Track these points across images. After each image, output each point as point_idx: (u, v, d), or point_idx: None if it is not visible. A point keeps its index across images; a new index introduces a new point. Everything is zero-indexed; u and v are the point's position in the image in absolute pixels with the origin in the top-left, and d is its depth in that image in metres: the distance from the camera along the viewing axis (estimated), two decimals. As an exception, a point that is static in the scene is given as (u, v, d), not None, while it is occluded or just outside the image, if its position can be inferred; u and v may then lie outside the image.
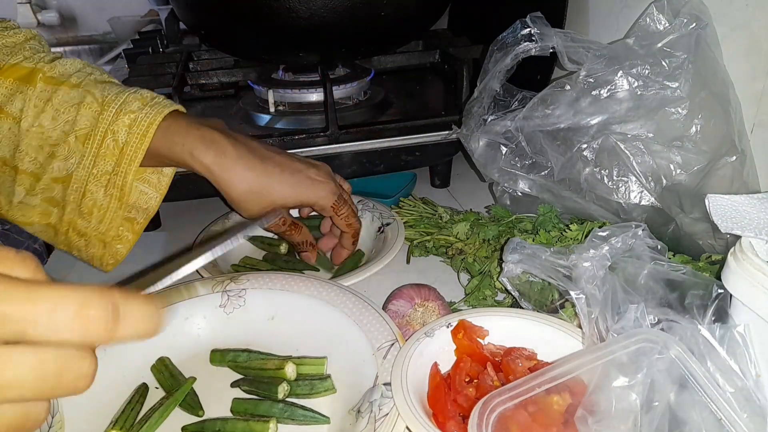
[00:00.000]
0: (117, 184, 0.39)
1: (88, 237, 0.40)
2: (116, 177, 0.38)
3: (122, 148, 0.38)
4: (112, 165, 0.38)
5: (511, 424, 0.25)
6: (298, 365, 0.34)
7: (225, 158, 0.38)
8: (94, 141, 0.38)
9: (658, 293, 0.30)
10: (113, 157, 0.38)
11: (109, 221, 0.40)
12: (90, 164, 0.38)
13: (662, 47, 0.39)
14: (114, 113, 0.38)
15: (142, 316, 0.17)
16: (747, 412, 0.25)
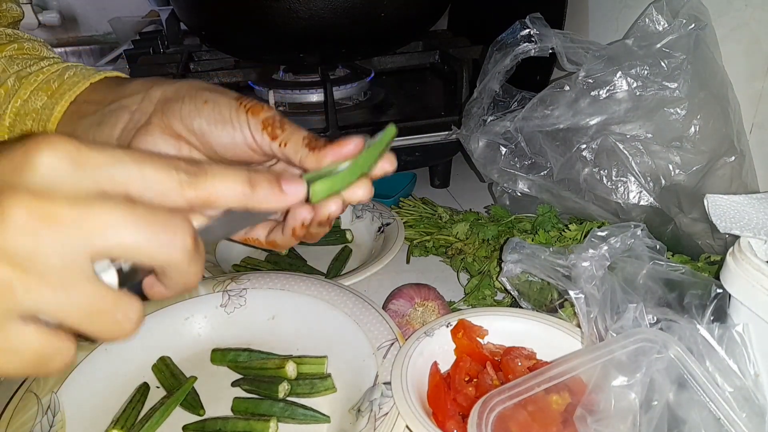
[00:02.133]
0: (42, 120, 0.30)
1: None
2: (43, 111, 0.30)
3: (63, 81, 0.30)
4: (43, 100, 0.30)
5: (510, 423, 0.26)
6: (298, 364, 0.34)
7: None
8: (37, 77, 0.30)
9: (657, 293, 0.30)
10: (48, 91, 0.30)
11: None
12: (20, 104, 0.30)
13: (661, 48, 0.39)
14: (80, 65, 0.31)
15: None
16: (746, 412, 0.25)
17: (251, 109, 0.27)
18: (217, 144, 0.27)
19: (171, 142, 0.27)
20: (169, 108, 0.27)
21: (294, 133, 0.26)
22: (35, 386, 0.31)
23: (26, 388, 0.31)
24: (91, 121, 0.28)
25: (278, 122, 0.27)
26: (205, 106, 0.27)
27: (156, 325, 0.37)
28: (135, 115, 0.27)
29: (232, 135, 0.27)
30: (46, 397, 0.31)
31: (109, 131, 0.28)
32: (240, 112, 0.27)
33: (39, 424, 0.29)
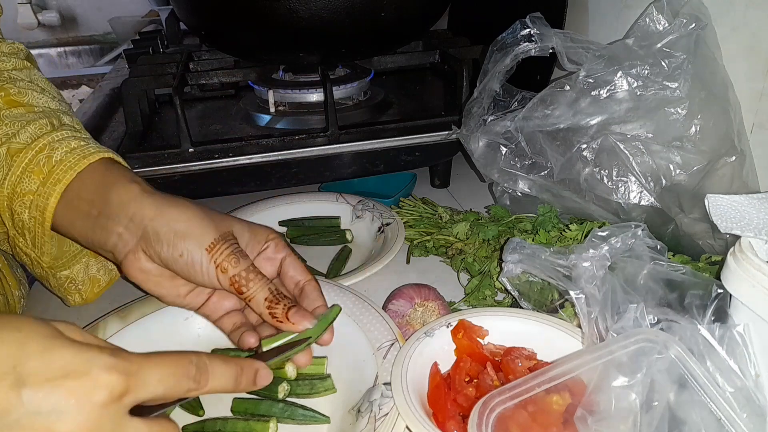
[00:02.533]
0: (39, 207, 0.32)
1: (30, 257, 0.36)
2: (39, 198, 0.32)
3: (53, 166, 0.32)
4: (36, 185, 0.32)
5: (510, 423, 0.25)
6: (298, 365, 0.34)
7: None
8: (27, 155, 0.33)
9: (658, 293, 0.30)
10: (40, 175, 0.32)
11: (40, 246, 0.35)
12: (15, 181, 0.33)
13: (662, 47, 0.39)
14: (64, 137, 0.33)
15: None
16: (746, 412, 0.25)
17: (220, 266, 0.30)
18: (190, 280, 0.32)
19: (154, 265, 0.31)
20: (151, 246, 0.31)
21: (258, 293, 0.30)
22: (35, 387, 0.31)
23: (25, 389, 0.31)
24: (85, 227, 0.32)
25: (244, 280, 0.31)
26: (180, 258, 0.30)
27: (156, 325, 0.37)
28: (122, 238, 0.31)
29: (203, 281, 0.31)
30: (46, 397, 0.31)
31: (103, 242, 0.32)
32: (211, 266, 0.30)
33: (38, 424, 0.29)
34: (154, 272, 0.32)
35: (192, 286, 0.33)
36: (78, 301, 0.39)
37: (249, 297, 0.30)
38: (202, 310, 0.34)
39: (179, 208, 0.31)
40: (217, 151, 0.50)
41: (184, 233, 0.30)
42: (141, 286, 0.32)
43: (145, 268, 0.31)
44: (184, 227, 0.30)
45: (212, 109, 0.61)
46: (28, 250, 0.35)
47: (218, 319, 0.34)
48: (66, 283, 0.38)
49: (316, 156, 0.51)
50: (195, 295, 0.33)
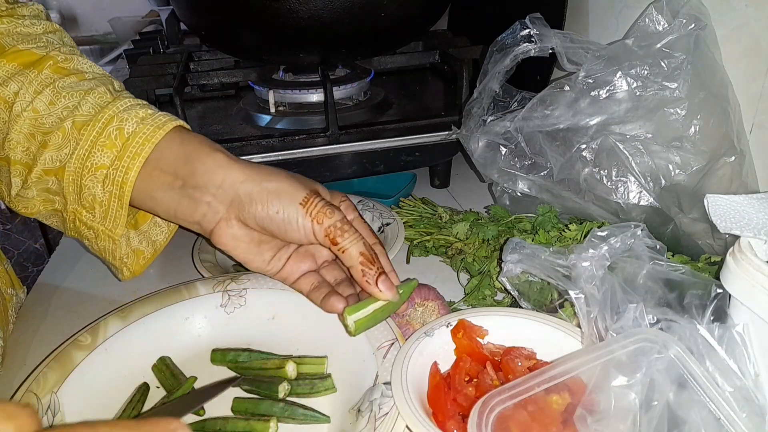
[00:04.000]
0: (116, 181, 0.32)
1: (96, 230, 0.35)
2: (115, 172, 0.32)
3: (127, 139, 0.32)
4: (110, 158, 0.32)
5: (510, 423, 0.25)
6: (298, 364, 0.34)
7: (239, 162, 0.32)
8: (95, 128, 0.32)
9: (657, 293, 0.30)
10: (113, 149, 0.32)
11: (113, 219, 0.34)
12: (84, 155, 0.32)
13: (661, 48, 0.39)
14: (128, 106, 0.33)
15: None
16: (746, 412, 0.25)
17: (316, 218, 0.31)
18: (284, 238, 0.32)
19: (245, 230, 0.33)
20: (244, 209, 0.32)
21: (353, 244, 0.31)
22: (35, 386, 0.31)
23: (26, 388, 0.31)
24: (169, 198, 0.33)
25: (339, 230, 0.32)
26: (276, 216, 0.31)
27: (156, 325, 0.37)
28: (212, 206, 0.32)
29: (297, 236, 0.32)
30: (46, 397, 0.31)
31: (189, 214, 0.33)
32: (306, 220, 0.31)
33: (39, 424, 0.29)
34: (245, 239, 0.33)
35: (274, 251, 0.35)
36: (127, 275, 0.38)
37: (343, 248, 0.31)
38: (280, 274, 0.36)
39: (266, 170, 0.33)
40: (218, 151, 0.50)
41: (277, 191, 0.31)
42: (231, 253, 0.33)
43: (237, 234, 0.32)
44: (275, 186, 0.32)
45: (212, 110, 0.61)
46: (95, 224, 0.35)
47: (295, 281, 0.35)
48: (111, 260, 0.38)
49: (316, 156, 0.51)
50: (276, 260, 0.35)
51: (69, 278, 0.47)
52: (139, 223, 0.38)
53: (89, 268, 0.49)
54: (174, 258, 0.49)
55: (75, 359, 0.33)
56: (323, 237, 0.31)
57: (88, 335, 0.35)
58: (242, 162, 0.33)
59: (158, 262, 0.49)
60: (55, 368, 0.32)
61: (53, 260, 0.51)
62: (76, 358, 0.33)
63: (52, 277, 0.48)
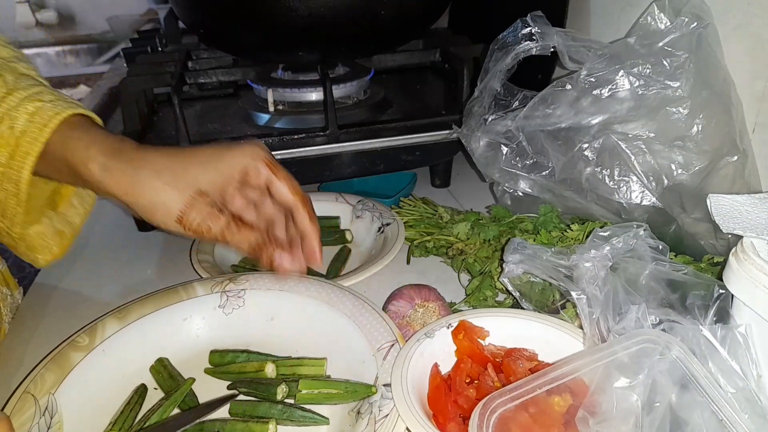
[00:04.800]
0: (12, 179, 0.33)
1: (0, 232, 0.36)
2: (10, 171, 0.33)
3: (18, 138, 0.32)
4: (5, 157, 0.32)
5: (511, 425, 0.25)
6: (298, 366, 0.34)
7: (126, 153, 0.32)
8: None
9: (660, 294, 0.30)
10: (7, 148, 0.32)
11: (12, 217, 0.34)
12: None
13: (663, 46, 0.39)
14: (19, 100, 0.33)
15: None
16: (748, 413, 0.25)
17: (195, 232, 0.32)
18: None
19: None
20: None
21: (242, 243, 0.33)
22: (33, 387, 0.31)
23: (24, 390, 0.31)
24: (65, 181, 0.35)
25: (222, 236, 0.33)
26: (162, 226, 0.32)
27: (154, 326, 0.36)
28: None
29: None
30: (44, 398, 0.30)
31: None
32: (189, 233, 0.32)
33: (37, 425, 0.29)
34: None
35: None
36: (48, 258, 0.38)
37: (235, 246, 0.33)
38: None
39: (140, 181, 0.31)
40: (216, 150, 0.49)
41: (152, 210, 0.31)
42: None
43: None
44: (148, 203, 0.31)
45: (211, 108, 0.61)
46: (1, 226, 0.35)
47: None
48: (38, 241, 0.37)
49: (316, 155, 0.51)
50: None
51: (66, 279, 0.47)
52: (57, 204, 0.38)
53: (87, 269, 0.49)
54: (172, 258, 0.49)
55: (73, 360, 0.33)
56: (211, 240, 0.32)
57: (86, 336, 0.34)
58: (116, 172, 0.31)
59: (156, 263, 0.49)
60: (52, 369, 0.32)
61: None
62: (74, 359, 0.33)
63: (50, 277, 0.47)
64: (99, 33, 1.53)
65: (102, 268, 0.48)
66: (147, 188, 0.31)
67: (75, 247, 0.50)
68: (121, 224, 0.54)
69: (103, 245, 0.52)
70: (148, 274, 0.47)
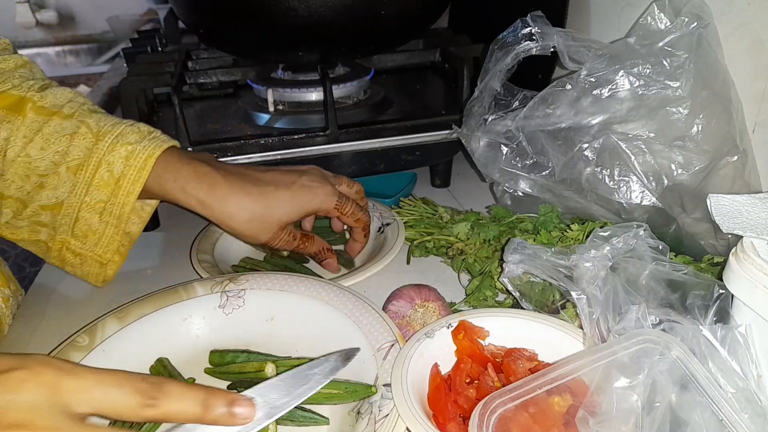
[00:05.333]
0: (114, 213, 0.39)
1: (83, 257, 0.41)
2: (113, 207, 0.39)
3: (118, 179, 0.38)
4: (107, 195, 0.38)
5: (511, 425, 0.25)
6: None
7: (218, 190, 0.38)
8: (87, 171, 0.38)
9: (660, 294, 0.30)
10: (108, 188, 0.38)
11: (105, 244, 0.40)
12: (82, 193, 0.38)
13: (663, 46, 0.39)
14: (110, 144, 0.38)
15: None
16: (748, 413, 0.25)
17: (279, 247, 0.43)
18: None
19: None
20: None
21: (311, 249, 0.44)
22: (32, 388, 0.31)
23: (23, 390, 0.31)
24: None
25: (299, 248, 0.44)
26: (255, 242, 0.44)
27: (154, 326, 0.36)
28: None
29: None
30: (44, 399, 0.30)
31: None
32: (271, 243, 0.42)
33: (36, 426, 0.29)
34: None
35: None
36: (115, 270, 0.43)
37: (301, 251, 0.43)
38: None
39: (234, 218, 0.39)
40: (216, 150, 0.49)
41: (242, 236, 0.40)
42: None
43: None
44: (240, 232, 0.40)
45: (211, 108, 0.61)
46: (84, 251, 0.40)
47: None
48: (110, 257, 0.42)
49: (316, 155, 0.51)
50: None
51: (66, 279, 0.47)
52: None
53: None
54: (172, 258, 0.49)
55: (73, 360, 0.33)
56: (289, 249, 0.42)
57: (86, 336, 0.34)
58: (212, 207, 0.38)
59: (156, 263, 0.49)
60: (52, 370, 0.32)
61: (47, 266, 0.50)
62: (74, 359, 0.33)
63: (50, 277, 0.47)
64: (99, 33, 1.53)
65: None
66: (239, 223, 0.39)
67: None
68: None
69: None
70: (148, 274, 0.47)
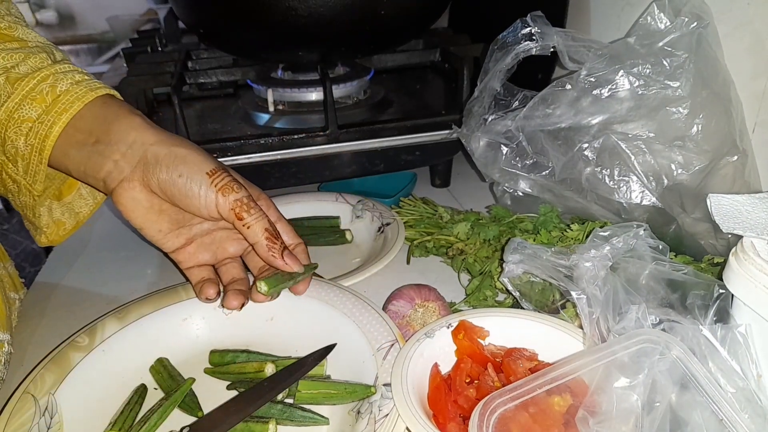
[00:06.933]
0: (39, 135, 0.32)
1: (19, 183, 0.36)
2: (40, 126, 0.32)
3: (58, 96, 0.32)
4: (38, 112, 0.32)
5: (511, 425, 0.25)
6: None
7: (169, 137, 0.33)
8: (28, 84, 0.32)
9: (660, 293, 0.30)
10: (43, 103, 0.32)
11: (33, 173, 0.34)
12: (13, 107, 0.32)
13: (663, 46, 0.39)
14: (66, 69, 0.33)
15: None
16: (748, 413, 0.25)
17: (222, 189, 0.31)
18: (184, 206, 0.32)
19: (146, 194, 0.32)
20: (149, 170, 0.31)
21: (258, 221, 0.32)
22: (33, 388, 0.31)
23: (24, 390, 0.31)
24: (80, 155, 0.33)
25: (246, 206, 0.32)
26: (179, 179, 0.31)
27: (153, 326, 0.36)
28: (118, 165, 0.32)
29: (198, 206, 0.31)
30: (44, 398, 0.30)
31: (96, 170, 0.32)
32: (210, 190, 0.31)
33: (36, 425, 0.29)
34: (144, 203, 0.33)
35: (174, 226, 0.35)
36: (44, 241, 0.39)
37: (248, 224, 0.32)
38: (176, 253, 0.35)
39: (180, 138, 0.33)
40: (216, 150, 0.49)
41: (184, 157, 0.32)
42: (128, 215, 0.33)
43: (137, 197, 0.32)
44: (184, 152, 0.32)
45: (211, 108, 0.61)
46: (18, 177, 0.35)
47: (189, 268, 0.36)
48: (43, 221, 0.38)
49: (316, 155, 0.51)
50: (175, 236, 0.35)
51: (66, 279, 0.47)
52: (63, 194, 0.38)
53: (87, 269, 0.49)
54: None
55: (72, 360, 0.33)
56: (228, 211, 0.31)
57: (86, 336, 0.34)
58: (157, 127, 0.33)
59: (156, 263, 0.49)
60: (52, 369, 0.32)
61: (50, 261, 0.51)
62: (74, 359, 0.33)
63: (50, 277, 0.47)
64: (99, 33, 1.53)
65: (102, 268, 0.48)
66: (187, 144, 0.33)
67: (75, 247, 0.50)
68: (122, 224, 0.54)
69: (103, 245, 0.52)
70: (148, 274, 0.47)
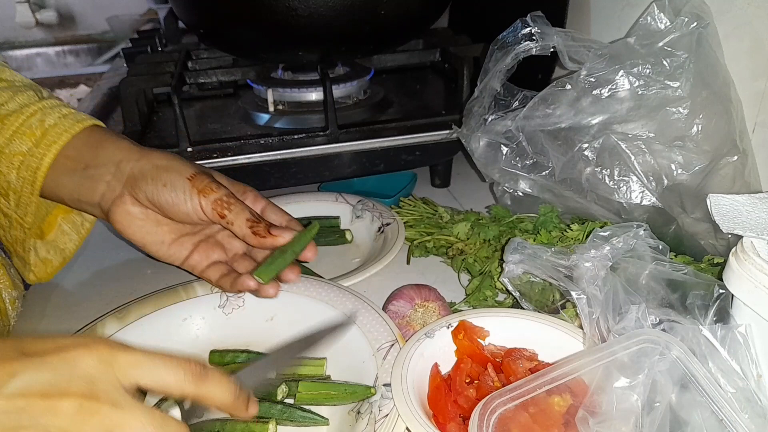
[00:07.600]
0: (31, 167, 0.34)
1: (10, 218, 0.37)
2: (31, 158, 0.34)
3: (47, 129, 0.34)
4: (28, 146, 0.34)
5: (511, 425, 0.25)
6: (297, 366, 0.34)
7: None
8: (18, 119, 0.34)
9: (660, 294, 0.30)
10: (32, 137, 0.34)
11: (25, 206, 0.36)
12: (4, 142, 0.34)
13: (663, 46, 0.39)
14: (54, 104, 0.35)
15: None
16: (748, 413, 0.25)
17: (202, 191, 0.33)
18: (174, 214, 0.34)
19: (139, 207, 0.34)
20: (137, 185, 0.33)
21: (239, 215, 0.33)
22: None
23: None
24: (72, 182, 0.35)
25: (225, 203, 0.33)
26: (164, 189, 0.33)
27: (153, 326, 0.36)
28: (110, 185, 0.34)
29: (186, 211, 0.33)
30: (43, 398, 0.30)
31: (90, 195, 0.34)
32: (192, 194, 0.33)
33: (36, 426, 0.29)
34: (139, 216, 0.34)
35: (175, 235, 0.36)
36: (33, 278, 0.41)
37: (231, 221, 0.33)
38: (187, 262, 0.36)
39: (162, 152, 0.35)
40: (216, 150, 0.49)
41: (166, 167, 0.34)
42: (125, 232, 0.35)
43: (131, 211, 0.34)
44: (166, 163, 0.34)
45: (211, 108, 0.61)
46: (10, 211, 0.36)
47: (204, 269, 0.36)
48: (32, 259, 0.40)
49: (316, 155, 0.51)
50: (179, 245, 0.36)
51: (66, 279, 0.47)
52: (44, 233, 0.40)
53: (87, 269, 0.49)
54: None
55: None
56: (211, 211, 0.33)
57: (86, 336, 0.34)
58: (142, 146, 0.35)
59: (156, 263, 0.49)
60: (52, 370, 0.32)
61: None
62: None
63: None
64: (99, 33, 1.53)
65: (102, 268, 0.48)
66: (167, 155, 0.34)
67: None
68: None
69: (103, 245, 0.52)
70: (148, 274, 0.47)
